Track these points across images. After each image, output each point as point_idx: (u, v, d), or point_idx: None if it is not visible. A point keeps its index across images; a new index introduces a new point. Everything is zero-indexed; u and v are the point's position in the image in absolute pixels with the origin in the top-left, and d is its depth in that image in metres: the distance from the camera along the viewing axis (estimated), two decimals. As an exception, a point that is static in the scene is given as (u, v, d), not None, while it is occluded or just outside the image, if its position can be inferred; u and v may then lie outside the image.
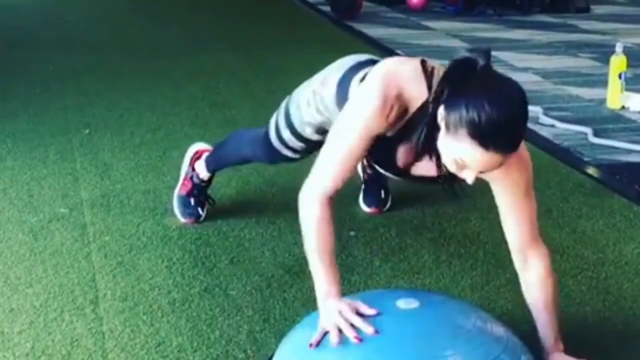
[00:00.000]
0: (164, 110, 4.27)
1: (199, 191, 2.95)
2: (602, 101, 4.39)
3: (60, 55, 5.44)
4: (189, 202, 2.94)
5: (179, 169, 3.10)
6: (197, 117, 4.16)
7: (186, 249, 2.77)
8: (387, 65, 2.09)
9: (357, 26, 6.51)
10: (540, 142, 3.76)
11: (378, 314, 1.82)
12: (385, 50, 5.69)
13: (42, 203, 3.11)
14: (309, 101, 2.44)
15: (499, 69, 1.87)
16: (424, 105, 1.98)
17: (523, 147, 2.02)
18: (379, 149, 2.08)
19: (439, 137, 1.89)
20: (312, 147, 2.51)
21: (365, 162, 2.84)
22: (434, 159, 2.00)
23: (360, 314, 1.81)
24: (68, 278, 2.58)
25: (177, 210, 2.97)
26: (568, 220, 3.00)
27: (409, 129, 2.01)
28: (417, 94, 2.00)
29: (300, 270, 2.59)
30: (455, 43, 5.94)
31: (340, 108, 2.25)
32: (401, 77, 2.01)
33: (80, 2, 7.59)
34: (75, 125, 4.00)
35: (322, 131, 2.42)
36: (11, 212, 3.04)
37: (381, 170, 2.30)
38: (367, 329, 1.77)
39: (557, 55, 5.59)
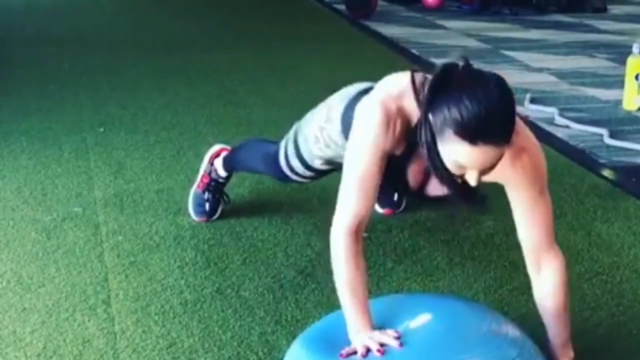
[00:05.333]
0: (179, 108, 4.27)
1: (215, 187, 2.94)
2: (618, 102, 4.36)
3: (75, 52, 5.44)
4: (203, 199, 2.94)
5: (193, 168, 3.10)
6: (211, 116, 4.15)
7: (199, 249, 2.77)
8: (383, 84, 2.09)
9: (372, 25, 6.49)
10: (555, 144, 3.74)
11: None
12: (400, 49, 5.68)
13: (56, 202, 3.12)
14: (317, 137, 2.44)
15: (515, 69, 1.86)
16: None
17: (535, 145, 2.01)
18: (391, 171, 2.07)
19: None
20: (321, 175, 2.57)
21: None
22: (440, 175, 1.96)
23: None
24: (80, 278, 2.58)
25: (190, 207, 2.97)
26: (583, 223, 2.98)
27: (415, 144, 1.98)
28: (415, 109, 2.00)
29: (312, 271, 2.59)
30: (471, 42, 5.92)
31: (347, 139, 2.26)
32: (399, 93, 2.00)
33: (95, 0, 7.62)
34: (90, 124, 4.00)
35: (332, 162, 2.46)
36: (25, 211, 3.04)
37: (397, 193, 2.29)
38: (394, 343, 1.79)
39: (573, 55, 5.55)
